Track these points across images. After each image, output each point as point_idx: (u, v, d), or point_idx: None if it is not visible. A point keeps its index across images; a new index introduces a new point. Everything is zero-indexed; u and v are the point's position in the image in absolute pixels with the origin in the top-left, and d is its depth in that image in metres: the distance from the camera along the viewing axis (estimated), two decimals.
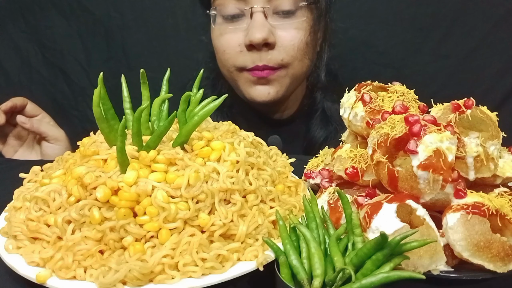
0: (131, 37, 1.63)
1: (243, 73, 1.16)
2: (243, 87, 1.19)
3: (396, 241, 0.53)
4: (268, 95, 1.16)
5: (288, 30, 1.12)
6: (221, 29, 1.16)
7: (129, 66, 1.63)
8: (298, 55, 1.14)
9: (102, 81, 0.69)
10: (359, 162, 0.72)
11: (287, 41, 1.11)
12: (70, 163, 0.73)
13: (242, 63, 1.14)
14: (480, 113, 0.67)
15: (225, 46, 1.15)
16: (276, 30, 1.11)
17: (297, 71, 1.17)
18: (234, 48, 1.13)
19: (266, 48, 1.11)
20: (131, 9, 1.61)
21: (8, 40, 1.65)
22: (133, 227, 0.62)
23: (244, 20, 1.12)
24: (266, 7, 1.09)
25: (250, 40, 1.08)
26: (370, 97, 0.75)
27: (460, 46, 1.49)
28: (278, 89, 1.17)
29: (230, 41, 1.14)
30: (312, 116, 1.30)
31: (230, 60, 1.16)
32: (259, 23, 1.08)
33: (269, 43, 1.09)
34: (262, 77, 1.13)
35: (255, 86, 1.16)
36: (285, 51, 1.12)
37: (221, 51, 1.17)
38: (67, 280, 0.60)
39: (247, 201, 0.68)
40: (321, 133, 1.27)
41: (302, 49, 1.14)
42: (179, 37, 1.62)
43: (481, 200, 0.61)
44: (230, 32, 1.14)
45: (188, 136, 0.70)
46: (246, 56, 1.12)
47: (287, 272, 0.57)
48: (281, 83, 1.16)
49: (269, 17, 1.10)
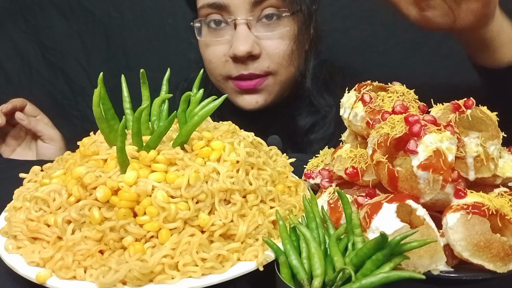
0: (131, 37, 1.63)
1: (229, 82, 1.17)
2: (230, 96, 1.20)
3: (396, 241, 0.53)
4: (256, 103, 1.18)
5: (272, 39, 1.12)
6: (206, 40, 1.17)
7: (129, 66, 1.63)
8: (283, 62, 1.14)
9: (102, 81, 0.69)
10: (359, 162, 0.72)
11: (272, 49, 1.12)
12: (70, 163, 0.73)
13: (227, 72, 1.15)
14: (480, 113, 0.67)
15: (211, 56, 1.17)
16: (261, 40, 1.12)
17: (284, 78, 1.18)
18: (219, 59, 1.15)
19: (252, 59, 1.12)
20: (131, 9, 1.61)
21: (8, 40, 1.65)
22: (133, 227, 0.62)
23: (228, 31, 1.13)
24: (249, 19, 1.10)
25: (234, 53, 1.09)
26: (370, 97, 0.75)
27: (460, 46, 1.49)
28: (266, 97, 1.18)
29: (216, 52, 1.15)
30: (299, 105, 1.28)
31: (217, 69, 1.17)
32: (243, 35, 1.09)
33: (254, 54, 1.10)
34: (249, 88, 1.15)
35: (242, 95, 1.18)
36: (270, 59, 1.13)
37: (207, 61, 1.19)
38: (67, 280, 0.60)
39: (247, 201, 0.68)
40: (306, 121, 1.26)
41: (288, 56, 1.14)
42: (179, 37, 1.62)
43: (481, 200, 0.61)
44: (215, 44, 1.15)
45: (188, 136, 0.70)
46: (231, 66, 1.14)
47: (287, 272, 0.57)
48: (270, 91, 1.17)
49: (253, 27, 1.11)
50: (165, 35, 1.63)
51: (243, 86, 1.15)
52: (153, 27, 1.63)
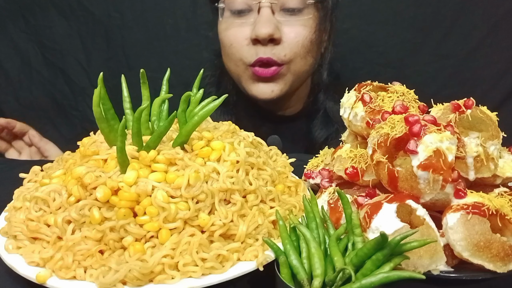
0: (131, 37, 1.63)
1: (248, 69, 1.16)
2: (246, 84, 1.19)
3: (396, 241, 0.53)
4: (271, 93, 1.17)
5: (294, 26, 1.12)
6: (228, 23, 1.17)
7: (129, 66, 1.63)
8: (301, 52, 1.14)
9: (102, 81, 0.69)
10: (359, 162, 0.72)
11: (291, 37, 1.12)
12: (70, 163, 0.73)
13: (246, 57, 1.15)
14: (480, 113, 0.67)
15: (232, 39, 1.16)
16: (282, 26, 1.12)
17: (299, 68, 1.17)
18: (240, 42, 1.14)
19: (272, 44, 1.11)
20: (131, 9, 1.61)
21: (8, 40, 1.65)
22: (133, 227, 0.62)
23: (252, 15, 1.13)
24: (274, 3, 1.10)
25: (256, 35, 1.09)
26: (370, 97, 0.75)
27: (460, 46, 1.49)
28: (282, 87, 1.17)
29: (237, 34, 1.14)
30: (314, 116, 1.30)
31: (237, 53, 1.16)
32: (266, 18, 1.09)
33: (275, 38, 1.10)
34: (265, 77, 1.14)
35: (258, 83, 1.17)
36: (289, 47, 1.12)
37: (228, 45, 1.18)
38: (67, 280, 0.60)
39: (247, 201, 0.68)
40: (322, 133, 1.28)
41: (306, 47, 1.14)
42: (179, 37, 1.62)
43: (481, 200, 0.61)
44: (237, 26, 1.14)
45: (188, 136, 0.70)
46: (251, 50, 1.13)
47: (287, 272, 0.57)
48: (285, 80, 1.17)
49: (276, 13, 1.11)
50: (165, 35, 1.63)
51: (261, 74, 1.14)
52: (153, 27, 1.62)
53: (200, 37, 1.59)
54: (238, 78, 1.21)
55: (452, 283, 0.63)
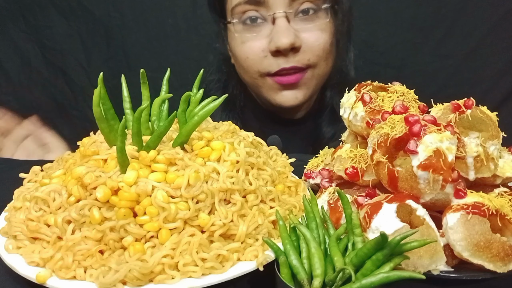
0: (131, 37, 1.63)
1: (267, 79, 1.16)
2: (268, 93, 1.19)
3: (396, 241, 0.53)
4: (296, 99, 1.17)
5: (312, 31, 1.12)
6: (242, 37, 1.15)
7: (129, 66, 1.63)
8: (323, 54, 1.14)
9: (102, 81, 0.69)
10: (359, 162, 0.72)
11: (312, 41, 1.12)
12: (70, 163, 0.73)
13: (266, 68, 1.14)
14: (480, 113, 0.67)
15: (248, 53, 1.15)
16: (300, 33, 1.11)
17: (322, 71, 1.18)
18: (257, 54, 1.13)
19: (293, 52, 1.11)
20: (131, 9, 1.61)
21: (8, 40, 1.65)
22: (133, 227, 0.62)
23: (266, 26, 1.12)
24: (289, 12, 1.09)
25: (277, 46, 1.08)
26: (370, 97, 0.75)
27: (460, 46, 1.49)
28: (305, 92, 1.17)
29: (253, 47, 1.14)
30: (321, 113, 1.30)
31: (254, 66, 1.16)
32: (284, 28, 1.09)
33: (295, 47, 1.10)
34: (290, 83, 1.14)
35: (281, 92, 1.17)
36: (311, 52, 1.12)
37: (243, 58, 1.17)
38: (67, 280, 0.60)
39: (247, 201, 0.68)
40: (329, 130, 1.28)
41: (327, 50, 1.14)
42: (179, 37, 1.62)
43: (481, 200, 0.61)
44: (252, 39, 1.14)
45: (188, 136, 0.70)
46: (271, 61, 1.12)
47: (287, 272, 0.57)
48: (308, 85, 1.17)
49: (292, 21, 1.11)
50: (165, 35, 1.63)
51: (284, 82, 1.14)
52: (153, 27, 1.63)
53: (200, 37, 1.59)
54: (257, 89, 1.21)
55: (452, 283, 0.63)
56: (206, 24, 1.57)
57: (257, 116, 1.30)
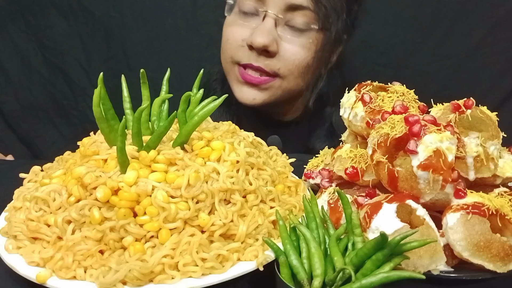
0: (131, 37, 1.63)
1: (235, 68, 1.16)
2: (231, 83, 1.20)
3: (396, 241, 0.53)
4: (253, 100, 1.17)
5: (294, 45, 1.12)
6: (232, 20, 1.17)
7: (129, 66, 1.63)
8: (295, 72, 1.14)
9: (102, 81, 0.69)
10: (359, 162, 0.72)
11: (289, 54, 1.11)
12: (70, 163, 0.73)
13: (238, 57, 1.15)
14: (480, 113, 0.67)
15: (229, 36, 1.16)
16: (282, 41, 1.11)
17: (290, 87, 1.17)
18: (236, 41, 1.14)
19: (266, 54, 1.11)
20: (131, 9, 1.61)
21: (8, 40, 1.65)
22: (133, 227, 0.62)
23: (256, 20, 1.13)
24: (280, 17, 1.09)
25: (251, 42, 1.09)
26: (370, 97, 0.75)
27: (460, 46, 1.49)
28: (265, 98, 1.17)
29: (236, 33, 1.15)
30: (319, 126, 1.29)
31: (229, 50, 1.17)
32: (266, 28, 1.09)
33: (269, 51, 1.10)
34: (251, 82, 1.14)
35: (242, 86, 1.17)
36: (284, 63, 1.12)
37: (224, 40, 1.19)
38: (67, 280, 0.60)
39: (247, 201, 0.68)
40: (323, 146, 1.27)
41: (301, 68, 1.14)
42: (179, 37, 1.62)
43: (481, 200, 0.61)
44: (239, 25, 1.15)
45: (188, 136, 0.70)
46: (245, 52, 1.13)
47: (287, 272, 0.57)
48: (272, 92, 1.17)
49: (279, 27, 1.11)
50: (165, 35, 1.63)
51: (247, 79, 1.14)
52: (153, 27, 1.62)
53: (200, 37, 1.59)
54: (227, 74, 1.22)
55: (452, 283, 0.63)
56: (206, 24, 1.57)
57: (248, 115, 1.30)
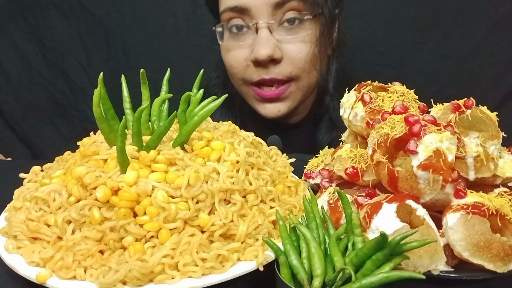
0: (131, 37, 1.63)
1: (250, 88, 1.16)
2: (252, 103, 1.20)
3: (396, 241, 0.53)
4: (278, 112, 1.17)
5: (294, 43, 1.11)
6: (228, 45, 1.17)
7: (129, 66, 1.63)
8: (306, 67, 1.13)
9: (102, 81, 0.69)
10: (359, 162, 0.72)
11: (294, 54, 1.11)
12: (70, 163, 0.73)
13: (248, 77, 1.14)
14: (480, 113, 0.67)
15: (232, 61, 1.16)
16: (282, 44, 1.11)
17: (306, 83, 1.17)
18: (241, 63, 1.14)
19: (273, 63, 1.10)
20: (131, 9, 1.61)
21: (8, 40, 1.65)
22: (133, 227, 0.62)
23: (250, 36, 1.12)
24: (271, 22, 1.09)
25: (256, 57, 1.08)
26: (370, 97, 0.75)
27: (460, 46, 1.49)
28: (289, 105, 1.17)
29: (237, 56, 1.14)
30: (319, 121, 1.30)
31: (238, 74, 1.17)
32: (264, 39, 1.08)
33: (275, 58, 1.09)
34: (271, 97, 1.14)
35: (264, 104, 1.17)
36: (292, 64, 1.12)
37: (228, 66, 1.18)
38: (67, 280, 0.60)
39: (247, 201, 0.68)
40: (326, 138, 1.27)
41: (310, 61, 1.13)
42: (179, 37, 1.62)
43: (481, 200, 0.61)
44: (237, 48, 1.14)
45: (188, 136, 0.70)
46: (253, 70, 1.13)
47: (287, 272, 0.57)
48: (293, 98, 1.17)
49: (274, 31, 1.10)
50: (165, 35, 1.63)
51: (265, 95, 1.14)
52: (153, 27, 1.62)
53: (200, 37, 1.59)
54: (244, 96, 1.22)
55: (452, 283, 0.63)
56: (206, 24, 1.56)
57: (253, 120, 1.30)
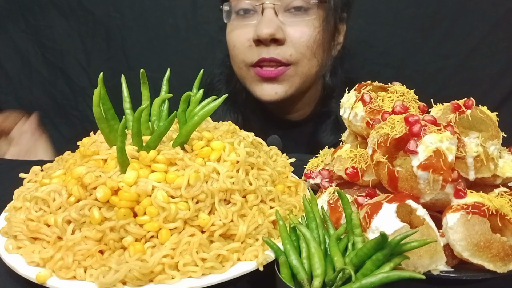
0: (131, 37, 1.63)
1: (250, 70, 1.16)
2: (251, 85, 1.19)
3: (396, 241, 0.53)
4: (275, 94, 1.16)
5: (298, 26, 1.12)
6: (233, 25, 1.17)
7: (129, 66, 1.63)
8: (307, 53, 1.13)
9: (102, 81, 0.69)
10: (359, 162, 0.72)
11: (296, 37, 1.11)
12: (70, 163, 0.73)
13: (249, 58, 1.14)
14: (480, 113, 0.67)
15: (235, 41, 1.16)
16: (286, 27, 1.11)
17: (306, 70, 1.16)
18: (243, 43, 1.14)
19: (275, 44, 1.11)
20: (131, 9, 1.61)
21: (8, 40, 1.65)
22: (133, 227, 0.62)
23: (255, 16, 1.13)
24: (277, 4, 1.10)
25: (258, 35, 1.09)
26: (370, 97, 0.75)
27: (460, 46, 1.49)
28: (286, 89, 1.16)
29: (240, 36, 1.15)
30: (323, 120, 1.29)
31: (240, 55, 1.17)
32: (268, 18, 1.09)
33: (277, 39, 1.10)
34: (269, 77, 1.13)
35: (262, 84, 1.16)
36: (294, 47, 1.12)
37: (231, 46, 1.18)
38: (67, 280, 0.60)
39: (247, 201, 0.68)
40: (330, 139, 1.26)
41: (311, 47, 1.13)
42: (179, 37, 1.62)
43: (481, 200, 0.61)
44: (241, 27, 1.15)
45: (188, 136, 0.70)
46: (253, 50, 1.13)
47: (287, 272, 0.57)
48: (291, 82, 1.16)
49: (280, 14, 1.11)
50: (165, 35, 1.63)
51: (264, 74, 1.13)
52: (153, 27, 1.63)
53: (200, 37, 1.59)
54: (243, 80, 1.22)
55: (452, 283, 0.63)
56: (206, 24, 1.57)
57: (257, 114, 1.30)
